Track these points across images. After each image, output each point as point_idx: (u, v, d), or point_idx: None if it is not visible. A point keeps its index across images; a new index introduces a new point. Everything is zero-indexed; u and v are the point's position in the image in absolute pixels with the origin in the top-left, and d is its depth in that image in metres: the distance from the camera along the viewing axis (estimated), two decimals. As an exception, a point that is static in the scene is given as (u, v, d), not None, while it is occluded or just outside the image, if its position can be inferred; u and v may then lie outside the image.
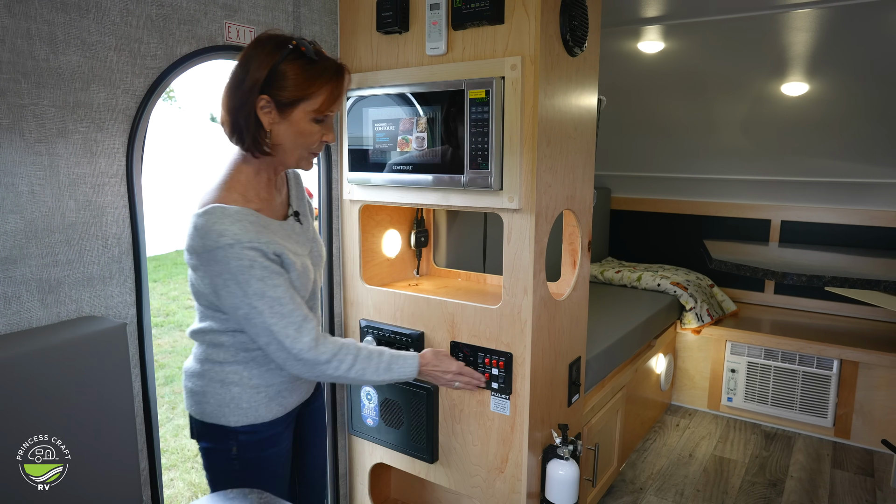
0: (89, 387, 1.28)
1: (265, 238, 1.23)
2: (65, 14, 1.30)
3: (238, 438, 1.35)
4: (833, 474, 2.76)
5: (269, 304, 1.21)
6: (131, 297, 1.48)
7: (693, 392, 3.44)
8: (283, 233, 1.31)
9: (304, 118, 1.24)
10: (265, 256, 1.22)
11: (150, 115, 1.49)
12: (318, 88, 1.22)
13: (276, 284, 1.22)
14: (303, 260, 1.33)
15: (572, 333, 1.93)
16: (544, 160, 1.64)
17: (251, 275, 1.20)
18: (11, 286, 1.26)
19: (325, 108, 1.25)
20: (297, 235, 1.37)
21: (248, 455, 1.36)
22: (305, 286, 1.33)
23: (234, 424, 1.34)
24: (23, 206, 1.27)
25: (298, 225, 1.39)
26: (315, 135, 1.27)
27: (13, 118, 1.24)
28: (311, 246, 1.41)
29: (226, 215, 1.20)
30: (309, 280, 1.34)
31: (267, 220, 1.28)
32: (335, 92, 1.24)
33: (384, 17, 1.78)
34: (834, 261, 3.02)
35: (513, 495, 1.77)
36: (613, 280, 3.65)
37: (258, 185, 1.31)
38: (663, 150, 3.68)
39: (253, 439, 1.36)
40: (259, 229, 1.23)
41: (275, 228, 1.29)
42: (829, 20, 2.46)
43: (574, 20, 1.67)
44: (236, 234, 1.19)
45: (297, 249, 1.32)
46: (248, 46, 1.27)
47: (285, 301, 1.23)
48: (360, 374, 1.35)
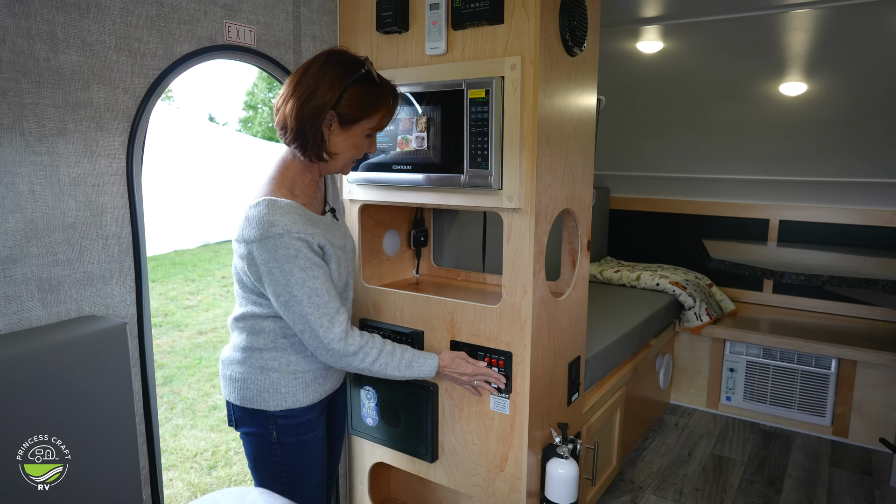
0: (89, 386, 1.29)
1: (311, 230, 1.33)
2: (65, 14, 1.30)
3: (277, 423, 1.43)
4: (831, 473, 2.77)
5: (307, 294, 1.31)
6: (131, 296, 1.48)
7: (692, 391, 3.45)
8: (325, 226, 1.42)
9: (361, 133, 1.38)
10: (310, 248, 1.32)
11: (151, 114, 1.49)
12: (378, 109, 1.37)
13: (316, 276, 1.32)
14: (340, 253, 1.43)
15: (572, 333, 1.93)
16: (544, 160, 1.65)
17: (295, 264, 1.29)
18: (12, 286, 1.26)
19: (381, 127, 1.41)
20: (335, 230, 1.47)
21: (287, 439, 1.44)
22: (342, 277, 1.44)
23: (273, 409, 1.43)
24: (23, 205, 1.27)
25: (335, 220, 1.50)
26: (364, 147, 1.41)
27: (13, 117, 1.24)
28: (346, 241, 1.51)
29: (277, 207, 1.30)
30: (344, 272, 1.45)
31: (311, 215, 1.38)
32: (390, 112, 1.40)
33: (384, 16, 1.78)
34: (832, 260, 3.03)
35: (512, 494, 1.77)
36: (612, 279, 3.66)
37: (304, 183, 1.42)
38: (662, 150, 3.68)
39: (292, 423, 1.44)
40: (305, 222, 1.34)
41: (318, 222, 1.39)
42: (827, 20, 2.46)
43: (573, 20, 1.67)
44: (286, 224, 1.29)
45: (336, 242, 1.43)
46: (320, 62, 1.34)
47: (322, 292, 1.32)
48: (382, 368, 1.45)
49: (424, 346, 1.88)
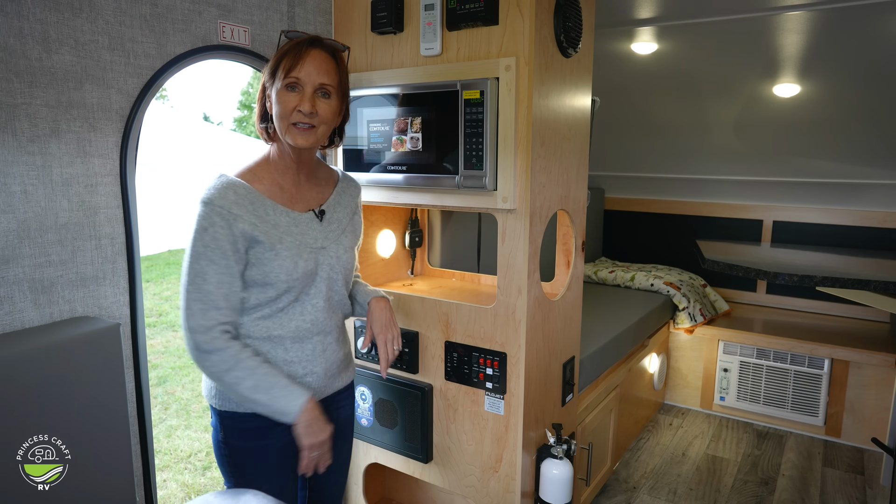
0: (83, 387, 1.28)
1: (243, 213, 1.27)
2: (58, 13, 1.30)
3: (223, 423, 1.38)
4: (824, 472, 2.78)
5: (194, 273, 1.25)
6: (125, 297, 1.47)
7: (686, 391, 3.46)
8: (286, 220, 1.34)
9: (282, 87, 1.31)
10: (228, 229, 1.25)
11: (144, 114, 1.48)
12: (283, 56, 1.32)
13: (213, 260, 1.25)
14: (298, 251, 1.34)
15: (566, 333, 1.94)
16: (538, 160, 1.65)
17: (200, 238, 1.25)
18: (4, 287, 1.26)
19: (290, 71, 1.30)
20: (308, 228, 1.37)
21: (233, 442, 1.38)
22: (290, 275, 1.32)
23: (218, 407, 1.38)
24: (15, 206, 1.27)
25: (317, 221, 1.40)
26: (290, 102, 1.30)
27: (5, 117, 1.24)
28: (327, 245, 1.40)
29: (222, 181, 1.28)
30: (296, 272, 1.33)
31: (266, 202, 1.32)
32: (296, 57, 1.30)
33: (379, 17, 1.78)
34: (825, 261, 3.05)
35: (507, 495, 1.77)
36: (607, 280, 3.67)
37: (276, 172, 1.37)
38: (656, 151, 3.69)
39: (234, 426, 1.37)
40: (244, 203, 1.28)
41: (269, 210, 1.32)
42: (821, 22, 2.48)
43: (568, 21, 1.68)
44: (215, 197, 1.26)
45: (295, 239, 1.34)
46: None
47: (210, 279, 1.25)
48: (235, 382, 1.26)
49: (419, 346, 1.88)
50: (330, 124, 1.36)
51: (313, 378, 1.42)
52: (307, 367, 1.40)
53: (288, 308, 1.36)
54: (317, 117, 1.31)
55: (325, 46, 1.35)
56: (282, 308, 1.35)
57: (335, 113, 1.36)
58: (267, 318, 1.35)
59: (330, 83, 1.33)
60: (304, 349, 1.39)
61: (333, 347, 1.46)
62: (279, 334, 1.36)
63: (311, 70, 1.30)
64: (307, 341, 1.39)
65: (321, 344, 1.42)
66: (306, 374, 1.40)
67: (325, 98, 1.33)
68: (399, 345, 1.55)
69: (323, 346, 1.42)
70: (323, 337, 1.42)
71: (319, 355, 1.42)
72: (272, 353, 1.36)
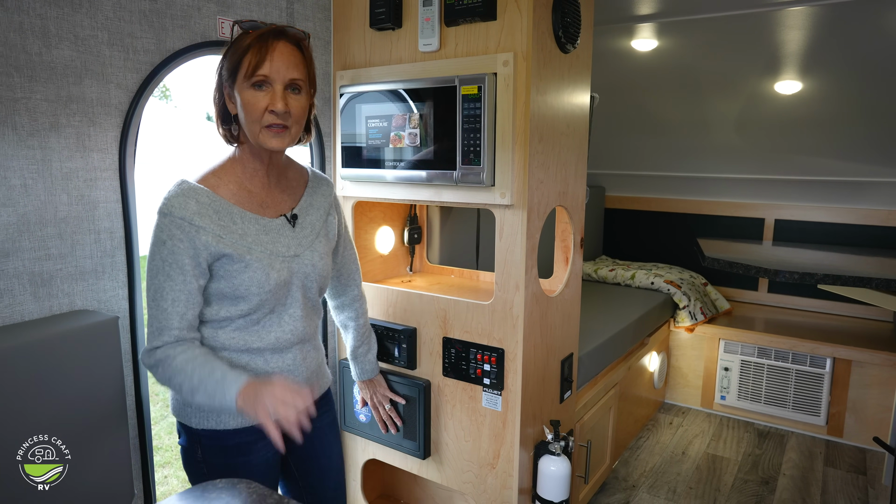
0: (81, 380, 1.29)
1: (206, 223, 1.19)
2: (57, 8, 1.31)
3: (202, 442, 1.31)
4: (825, 472, 2.77)
5: (153, 289, 1.20)
6: (123, 291, 1.48)
7: (686, 390, 3.45)
8: (255, 228, 1.26)
9: (249, 87, 1.20)
10: (188, 242, 1.18)
11: (143, 109, 1.49)
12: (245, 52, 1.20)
13: (170, 276, 1.18)
14: (270, 261, 1.26)
15: (564, 330, 1.94)
16: (536, 156, 1.65)
17: (158, 251, 1.19)
18: (3, 279, 1.27)
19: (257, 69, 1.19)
20: (279, 236, 1.29)
21: (214, 461, 1.32)
22: (262, 287, 1.25)
23: (196, 426, 1.30)
24: (15, 199, 1.28)
25: (289, 227, 1.32)
26: (260, 103, 1.20)
27: (5, 112, 1.25)
28: (300, 252, 1.33)
29: (180, 188, 1.21)
30: (269, 283, 1.25)
31: (233, 209, 1.24)
32: (262, 52, 1.19)
33: (377, 13, 1.78)
34: (827, 259, 3.03)
35: (504, 491, 1.77)
36: (607, 278, 3.66)
37: (244, 175, 1.29)
38: (657, 149, 3.69)
39: (216, 445, 1.31)
40: (207, 213, 1.20)
41: (238, 219, 1.24)
42: (822, 18, 2.47)
43: (566, 17, 1.68)
44: (174, 206, 1.18)
45: (266, 248, 1.26)
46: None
47: (167, 296, 1.19)
48: (178, 389, 1.20)
49: (417, 342, 1.88)
50: (303, 121, 1.28)
51: None
52: (288, 377, 1.34)
53: (264, 320, 1.29)
54: (290, 117, 1.22)
55: (289, 37, 1.23)
56: (258, 321, 1.29)
57: (306, 108, 1.27)
58: (243, 329, 1.28)
59: (300, 77, 1.23)
60: (285, 360, 1.34)
61: (312, 354, 1.42)
62: (258, 346, 1.30)
63: (280, 65, 1.19)
64: (287, 352, 1.34)
65: (301, 352, 1.37)
66: None
67: (296, 94, 1.23)
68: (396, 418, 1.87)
69: (303, 354, 1.38)
70: (302, 345, 1.37)
71: (300, 364, 1.37)
72: (252, 365, 1.30)
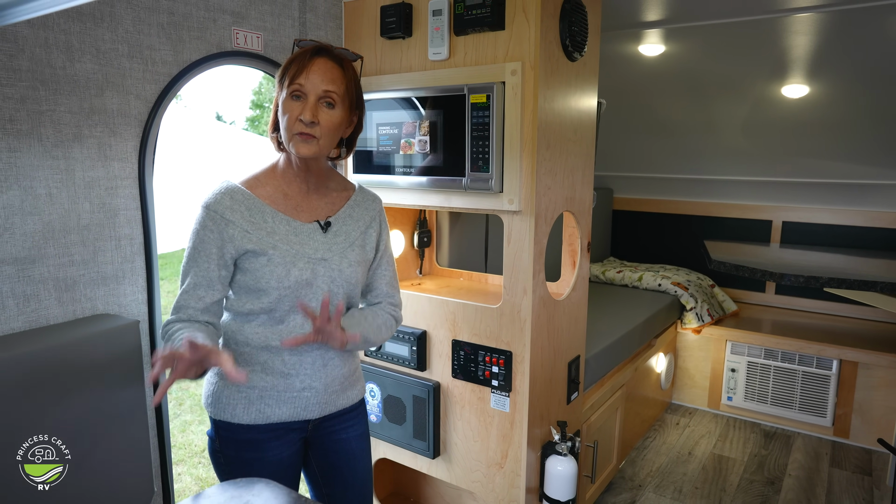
0: (104, 381, 1.34)
1: (238, 219, 1.27)
2: (80, 23, 1.35)
3: (219, 432, 1.36)
4: (831, 473, 2.79)
5: (184, 272, 1.29)
6: (143, 295, 1.53)
7: (693, 391, 3.47)
8: (285, 228, 1.31)
9: (287, 97, 1.28)
10: (217, 233, 1.27)
11: (161, 119, 1.54)
12: (289, 65, 1.29)
13: (197, 262, 1.28)
14: (293, 259, 1.30)
15: (571, 332, 1.97)
16: (544, 163, 1.68)
17: (193, 238, 1.28)
18: (30, 285, 1.32)
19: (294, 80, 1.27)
20: (308, 239, 1.34)
21: (228, 452, 1.37)
22: (281, 282, 1.29)
23: (214, 417, 1.36)
24: (41, 208, 1.32)
25: (320, 232, 1.36)
26: (293, 111, 1.27)
27: (32, 124, 1.30)
28: (329, 257, 1.35)
29: (220, 186, 1.30)
30: (288, 279, 1.29)
31: (265, 208, 1.30)
32: (301, 65, 1.27)
33: (388, 22, 1.82)
34: (834, 262, 3.04)
35: (512, 490, 1.81)
36: (615, 280, 3.68)
37: (282, 180, 1.36)
38: (665, 152, 3.70)
39: (230, 437, 1.35)
40: (239, 209, 1.28)
41: (269, 218, 1.30)
42: (829, 24, 2.48)
43: (573, 26, 1.71)
44: (211, 201, 1.28)
45: (292, 248, 1.31)
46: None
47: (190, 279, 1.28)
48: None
49: (427, 345, 1.92)
50: (333, 134, 1.30)
51: (311, 393, 1.36)
52: (305, 382, 1.34)
53: (288, 319, 1.32)
54: (317, 127, 1.26)
55: (332, 55, 1.31)
56: (281, 319, 1.31)
57: (339, 123, 1.30)
58: (266, 326, 1.31)
59: (335, 91, 1.27)
60: (304, 362, 1.34)
61: (335, 362, 1.39)
62: (278, 346, 1.31)
63: (315, 78, 1.26)
64: (306, 354, 1.34)
65: (321, 358, 1.36)
66: (304, 389, 1.35)
67: (329, 107, 1.28)
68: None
69: (324, 360, 1.36)
70: (324, 351, 1.36)
71: (319, 369, 1.36)
72: (269, 364, 1.32)
